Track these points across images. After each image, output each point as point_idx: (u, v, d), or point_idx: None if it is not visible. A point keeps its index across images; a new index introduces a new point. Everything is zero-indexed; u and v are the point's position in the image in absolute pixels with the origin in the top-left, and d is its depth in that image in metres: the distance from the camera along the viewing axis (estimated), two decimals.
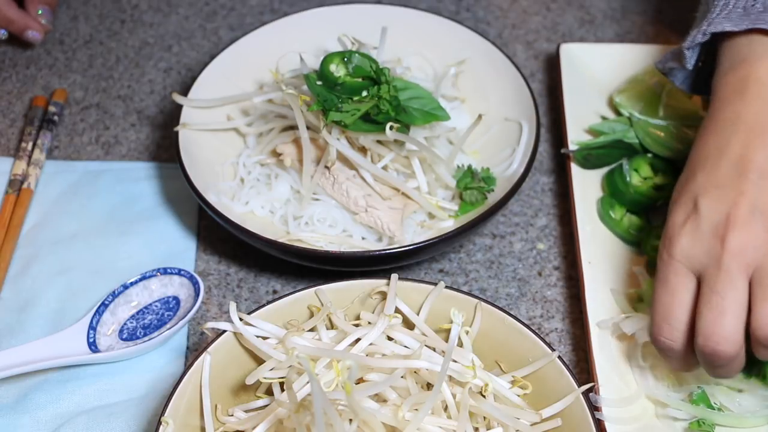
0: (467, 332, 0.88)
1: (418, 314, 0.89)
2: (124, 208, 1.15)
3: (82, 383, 0.99)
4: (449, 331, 0.88)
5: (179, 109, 1.11)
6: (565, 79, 1.17)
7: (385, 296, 0.89)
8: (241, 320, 0.87)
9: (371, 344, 0.85)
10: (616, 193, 1.08)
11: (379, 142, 1.04)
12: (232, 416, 0.86)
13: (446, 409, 0.83)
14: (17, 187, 1.15)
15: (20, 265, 1.09)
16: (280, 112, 1.10)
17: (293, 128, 1.08)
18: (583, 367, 1.00)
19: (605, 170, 1.11)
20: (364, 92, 1.02)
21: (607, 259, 1.03)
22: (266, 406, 0.85)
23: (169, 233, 1.13)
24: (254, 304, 1.06)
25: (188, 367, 0.85)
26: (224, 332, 0.87)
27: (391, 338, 0.87)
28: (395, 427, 0.79)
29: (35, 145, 1.20)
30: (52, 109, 1.24)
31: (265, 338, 0.87)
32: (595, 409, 0.84)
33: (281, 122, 1.10)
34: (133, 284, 1.04)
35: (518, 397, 0.85)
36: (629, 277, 1.02)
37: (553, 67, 1.28)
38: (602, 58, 1.21)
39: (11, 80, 1.31)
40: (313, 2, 1.30)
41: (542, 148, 1.21)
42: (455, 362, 0.84)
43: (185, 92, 1.12)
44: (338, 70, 1.03)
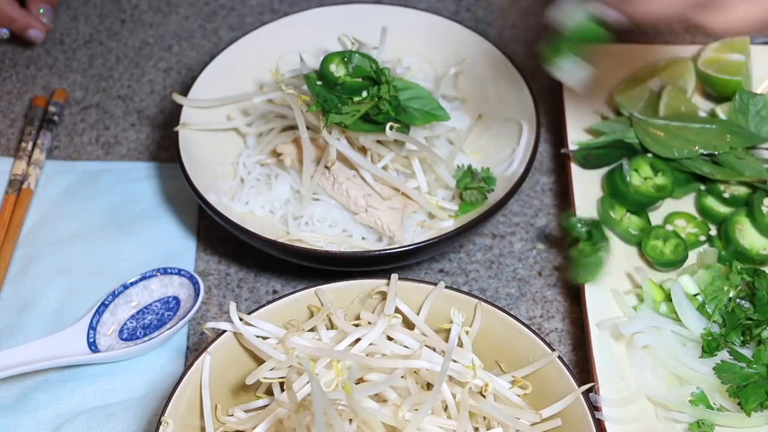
0: (467, 332, 0.88)
1: (418, 314, 0.89)
2: (124, 208, 1.15)
3: (82, 383, 0.99)
4: (449, 331, 0.88)
5: (179, 109, 1.11)
6: None
7: (385, 296, 0.89)
8: (241, 320, 0.87)
9: (371, 344, 0.85)
10: (616, 193, 1.08)
11: (379, 142, 1.04)
12: (232, 416, 0.86)
13: (446, 409, 0.83)
14: (17, 187, 1.15)
15: (20, 265, 1.09)
16: (280, 112, 1.10)
17: (293, 128, 1.08)
18: (583, 367, 1.00)
19: (605, 170, 1.11)
20: (364, 92, 1.02)
21: None
22: (266, 406, 0.85)
23: (169, 233, 1.13)
24: (254, 304, 1.06)
25: (188, 367, 0.85)
26: (224, 332, 0.87)
27: (391, 338, 0.87)
28: (395, 427, 0.79)
29: (35, 145, 1.20)
30: (52, 109, 1.24)
31: (265, 338, 0.87)
32: (595, 409, 0.84)
33: (281, 122, 1.10)
34: (133, 284, 1.04)
35: (518, 397, 0.85)
36: (629, 277, 1.02)
37: None
38: (602, 58, 1.21)
39: (11, 80, 1.31)
40: (313, 2, 1.30)
41: (542, 148, 1.21)
42: (455, 362, 0.84)
43: (185, 92, 1.12)
44: (338, 70, 1.03)
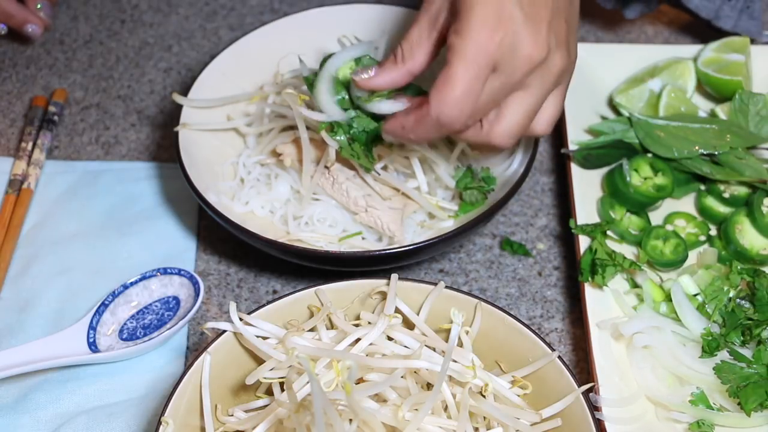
0: (467, 332, 0.88)
1: (418, 314, 0.89)
2: (124, 208, 1.15)
3: (82, 383, 0.99)
4: (449, 331, 0.87)
5: (179, 109, 1.11)
6: None
7: (385, 296, 0.89)
8: (241, 320, 0.87)
9: (371, 344, 0.85)
10: (616, 193, 1.08)
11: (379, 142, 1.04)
12: (232, 416, 0.86)
13: (446, 409, 0.82)
14: (17, 187, 1.15)
15: (20, 265, 1.09)
16: (280, 112, 1.10)
17: (293, 128, 1.08)
18: (583, 367, 1.00)
19: (605, 170, 1.11)
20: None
21: None
22: (266, 406, 0.85)
23: (169, 233, 1.13)
24: (254, 304, 1.06)
25: (188, 367, 0.85)
26: (224, 332, 0.87)
27: (391, 338, 0.87)
28: (395, 427, 0.79)
29: (35, 145, 1.20)
30: (52, 109, 1.24)
31: (265, 338, 0.87)
32: (595, 409, 0.84)
33: (281, 122, 1.10)
34: (133, 284, 1.04)
35: (518, 397, 0.85)
36: (629, 277, 1.02)
37: None
38: (602, 58, 1.21)
39: (11, 80, 1.31)
40: (313, 2, 1.30)
41: (542, 148, 1.21)
42: (455, 362, 0.84)
43: (185, 92, 1.12)
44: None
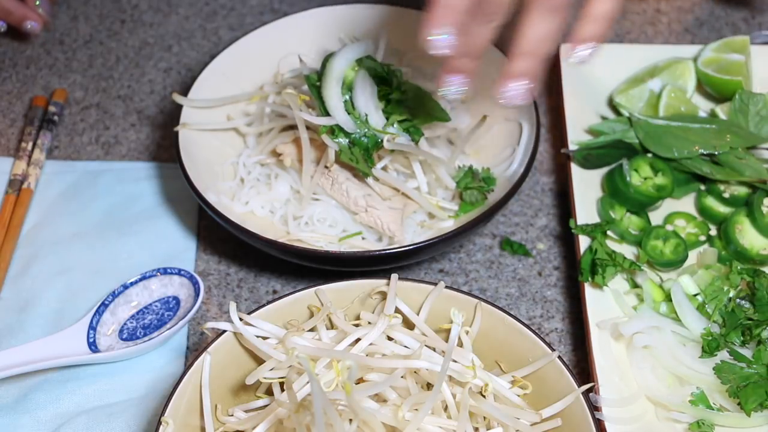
0: (467, 332, 0.88)
1: (418, 314, 0.89)
2: (124, 208, 1.15)
3: (82, 383, 0.99)
4: (449, 331, 0.87)
5: (179, 109, 1.11)
6: (565, 79, 1.17)
7: (385, 296, 0.89)
8: (241, 320, 0.87)
9: (371, 344, 0.85)
10: (616, 193, 1.08)
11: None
12: (232, 416, 0.86)
13: (446, 409, 0.82)
14: (17, 187, 1.15)
15: (20, 265, 1.09)
16: (280, 111, 1.10)
17: (293, 128, 1.08)
18: (583, 367, 1.00)
19: (605, 170, 1.11)
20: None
21: None
22: (266, 406, 0.84)
23: (169, 233, 1.13)
24: (254, 304, 1.06)
25: (188, 367, 0.85)
26: (224, 332, 0.87)
27: (391, 338, 0.87)
28: (395, 427, 0.79)
29: (35, 145, 1.20)
30: (52, 109, 1.24)
31: (265, 338, 0.87)
32: (595, 409, 0.84)
33: (281, 122, 1.10)
34: (133, 284, 1.04)
35: (518, 397, 0.85)
36: (629, 277, 1.02)
37: (553, 67, 1.28)
38: (602, 58, 1.21)
39: (11, 80, 1.31)
40: (313, 2, 1.30)
41: (542, 148, 1.21)
42: (455, 362, 0.83)
43: (185, 92, 1.12)
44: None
